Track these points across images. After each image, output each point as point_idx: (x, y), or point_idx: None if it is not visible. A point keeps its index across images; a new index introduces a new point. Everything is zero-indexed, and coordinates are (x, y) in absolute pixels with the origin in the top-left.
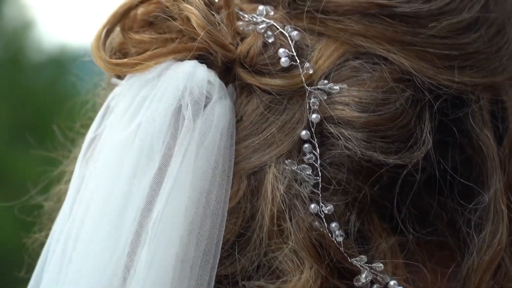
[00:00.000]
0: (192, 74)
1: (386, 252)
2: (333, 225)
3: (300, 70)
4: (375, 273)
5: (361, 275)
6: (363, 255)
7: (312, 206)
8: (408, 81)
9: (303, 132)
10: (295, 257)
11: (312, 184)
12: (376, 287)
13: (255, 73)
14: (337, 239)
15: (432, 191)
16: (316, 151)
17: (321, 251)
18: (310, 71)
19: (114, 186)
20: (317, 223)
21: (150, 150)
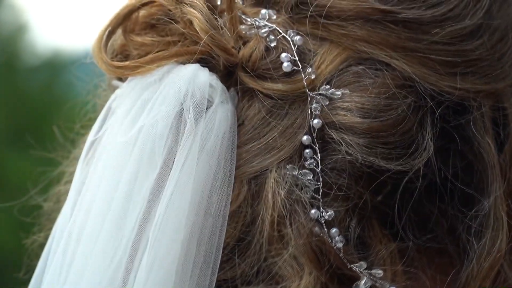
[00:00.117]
0: (194, 78)
1: (385, 258)
2: (333, 230)
3: (302, 75)
4: (375, 279)
5: (361, 282)
6: (362, 262)
7: (313, 211)
8: (410, 88)
9: (305, 137)
10: (295, 262)
11: (312, 189)
12: None
13: (257, 78)
14: (337, 245)
15: (433, 197)
16: (317, 156)
17: (321, 257)
18: (312, 76)
19: (116, 189)
20: (317, 228)
21: (152, 154)
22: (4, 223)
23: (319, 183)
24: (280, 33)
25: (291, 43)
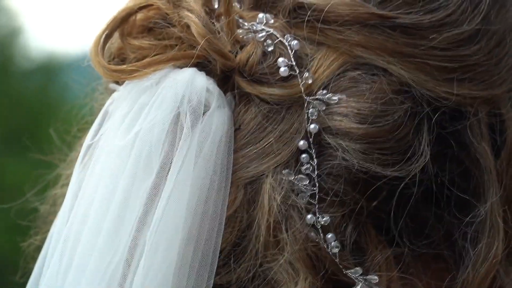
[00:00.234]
0: (191, 82)
1: (381, 264)
2: (329, 236)
3: (299, 80)
4: (370, 285)
5: (356, 287)
6: (358, 267)
7: (309, 217)
8: (407, 93)
9: (301, 142)
10: (290, 268)
11: (308, 194)
12: None
13: (254, 82)
14: (332, 250)
15: (429, 203)
16: (314, 161)
17: (317, 263)
18: (309, 81)
19: (113, 193)
20: (313, 234)
21: (149, 158)
22: (0, 225)
23: (315, 188)
24: (277, 38)
25: (288, 47)
